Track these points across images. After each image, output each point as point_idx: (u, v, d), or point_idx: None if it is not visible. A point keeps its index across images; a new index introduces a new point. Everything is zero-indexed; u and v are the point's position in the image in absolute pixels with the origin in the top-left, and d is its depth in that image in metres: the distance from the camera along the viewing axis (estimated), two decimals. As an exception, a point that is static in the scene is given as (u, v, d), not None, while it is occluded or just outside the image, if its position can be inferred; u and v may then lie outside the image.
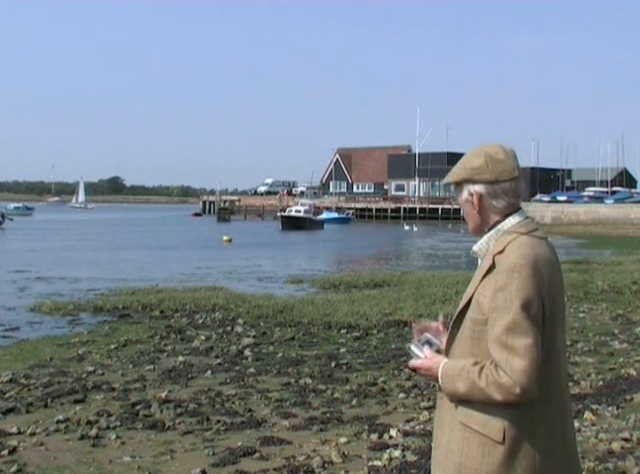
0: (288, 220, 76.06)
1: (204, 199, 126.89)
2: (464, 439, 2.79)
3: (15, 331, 15.18)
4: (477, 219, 2.96)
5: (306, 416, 8.39)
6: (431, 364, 2.88)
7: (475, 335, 2.80)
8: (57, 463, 6.88)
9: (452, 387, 2.79)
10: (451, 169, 3.00)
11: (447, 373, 2.82)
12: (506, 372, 2.66)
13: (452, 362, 2.84)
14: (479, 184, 2.91)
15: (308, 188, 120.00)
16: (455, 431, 2.83)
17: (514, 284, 2.70)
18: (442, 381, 2.84)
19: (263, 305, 17.11)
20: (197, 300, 17.99)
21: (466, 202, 2.95)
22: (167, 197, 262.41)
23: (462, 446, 2.80)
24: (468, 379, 2.73)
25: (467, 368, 2.75)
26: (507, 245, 2.83)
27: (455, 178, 2.96)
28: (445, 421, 2.89)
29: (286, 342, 13.20)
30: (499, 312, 2.71)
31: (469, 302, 2.84)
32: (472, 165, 2.92)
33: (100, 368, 11.02)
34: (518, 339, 2.67)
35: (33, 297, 20.48)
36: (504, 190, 2.89)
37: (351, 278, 24.38)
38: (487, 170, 2.89)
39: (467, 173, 2.92)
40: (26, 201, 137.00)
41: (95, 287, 22.94)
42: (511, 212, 2.91)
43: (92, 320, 16.45)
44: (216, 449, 7.21)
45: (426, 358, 2.92)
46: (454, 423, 2.84)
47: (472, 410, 2.78)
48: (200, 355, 12.08)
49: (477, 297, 2.81)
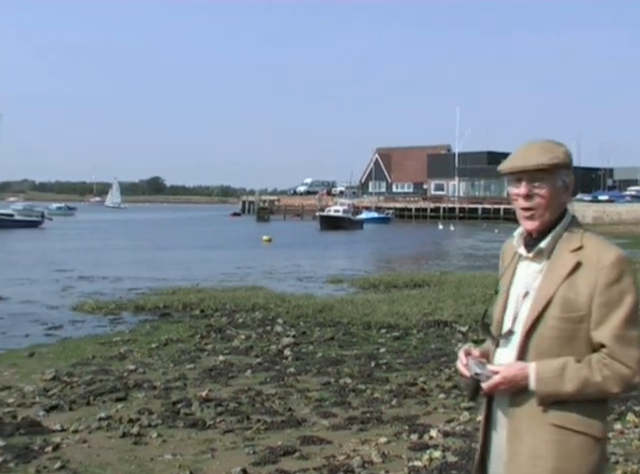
0: (327, 220, 76.01)
1: (244, 199, 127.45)
2: (558, 442, 2.69)
3: (58, 329, 15.38)
4: (555, 212, 2.82)
5: (346, 416, 8.38)
6: (514, 372, 2.73)
7: (566, 334, 2.70)
8: (100, 460, 6.95)
9: (553, 389, 2.68)
10: (490, 168, 2.87)
11: (544, 376, 2.69)
12: (625, 363, 2.63)
13: (545, 364, 2.71)
14: (571, 174, 2.81)
15: (347, 188, 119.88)
16: (543, 435, 2.71)
17: (625, 278, 2.68)
18: (538, 385, 2.70)
19: (303, 305, 17.14)
20: (237, 299, 18.09)
21: (557, 190, 2.79)
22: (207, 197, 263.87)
23: (557, 449, 2.69)
24: (578, 377, 2.65)
25: (571, 366, 2.67)
26: (582, 241, 2.77)
27: (555, 160, 2.75)
28: (522, 430, 2.76)
29: (326, 342, 13.20)
30: (612, 306, 2.66)
31: (547, 303, 2.74)
32: (561, 151, 2.79)
33: (141, 367, 11.11)
34: (635, 331, 2.66)
35: (76, 296, 20.72)
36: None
37: (390, 278, 24.32)
38: (572, 161, 2.81)
39: (568, 158, 2.78)
40: (68, 201, 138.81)
41: (136, 286, 23.15)
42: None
43: (133, 319, 16.60)
44: (256, 448, 7.23)
45: (498, 372, 2.75)
46: (539, 428, 2.72)
47: (568, 410, 2.69)
48: (240, 354, 12.13)
49: (564, 295, 2.71)
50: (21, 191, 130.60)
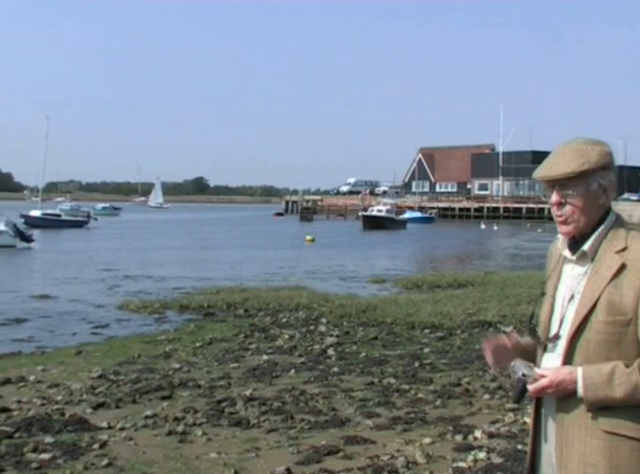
0: (370, 220, 75.91)
1: (287, 199, 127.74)
2: (610, 448, 2.62)
3: (104, 328, 15.58)
4: (593, 215, 2.74)
5: (390, 416, 8.36)
6: (563, 376, 2.67)
7: (613, 338, 2.63)
8: (146, 458, 7.01)
9: (602, 394, 2.61)
10: (535, 167, 2.83)
11: (592, 381, 2.62)
12: None
13: (594, 368, 2.64)
14: (611, 173, 2.74)
15: (390, 188, 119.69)
16: (595, 441, 2.65)
17: None
18: (586, 390, 2.63)
19: (346, 304, 17.14)
20: (280, 299, 18.15)
21: (591, 194, 2.72)
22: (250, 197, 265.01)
23: (609, 456, 2.62)
24: (627, 382, 2.58)
25: (620, 371, 2.59)
26: (627, 241, 2.69)
27: (585, 167, 2.68)
28: (572, 435, 2.69)
29: (369, 342, 13.19)
30: None
31: (592, 306, 2.68)
32: (595, 153, 2.71)
33: (186, 365, 11.20)
34: None
35: (121, 295, 20.97)
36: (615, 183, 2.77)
37: (434, 278, 24.23)
38: (612, 160, 2.74)
39: (604, 158, 2.71)
40: (113, 201, 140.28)
41: (181, 286, 23.34)
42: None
43: (178, 318, 16.75)
44: (300, 447, 7.24)
45: (545, 376, 2.70)
46: (590, 434, 2.66)
47: (619, 416, 2.62)
48: (284, 354, 12.17)
49: (609, 298, 2.64)
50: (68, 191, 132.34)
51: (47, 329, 15.46)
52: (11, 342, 13.89)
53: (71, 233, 58.78)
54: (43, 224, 62.34)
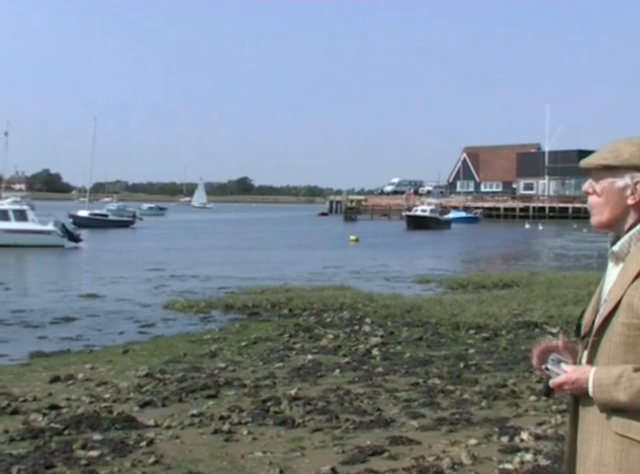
0: (414, 220, 75.64)
1: (331, 199, 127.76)
2: (621, 451, 2.62)
3: (151, 327, 15.74)
4: (619, 213, 2.74)
5: (435, 417, 8.33)
6: (578, 375, 2.69)
7: (630, 340, 2.62)
8: (192, 456, 7.07)
9: (608, 396, 2.61)
10: None
11: (601, 382, 2.63)
12: None
13: (604, 370, 2.66)
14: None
15: (435, 187, 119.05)
16: (608, 443, 2.65)
17: None
18: (595, 391, 2.65)
19: (390, 305, 17.12)
20: (325, 299, 18.17)
21: (620, 191, 2.72)
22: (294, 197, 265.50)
23: (619, 458, 2.62)
24: (632, 387, 2.56)
25: (627, 375, 2.58)
26: None
27: (616, 161, 2.69)
28: (592, 433, 2.71)
29: (414, 342, 13.15)
30: None
31: (615, 307, 2.67)
32: (630, 152, 2.69)
33: (231, 365, 11.27)
34: None
35: (167, 295, 21.16)
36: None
37: (479, 278, 24.08)
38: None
39: (636, 159, 2.68)
40: (159, 202, 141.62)
41: (226, 285, 23.48)
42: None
43: (223, 318, 16.86)
44: (345, 447, 7.25)
45: (567, 372, 2.73)
46: (606, 434, 2.66)
47: (631, 419, 2.60)
48: (328, 354, 12.18)
49: (629, 300, 2.63)
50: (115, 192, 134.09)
51: (95, 328, 15.67)
52: (60, 340, 14.11)
53: (117, 233, 59.46)
54: (91, 224, 63.17)
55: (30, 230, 41.58)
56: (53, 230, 42.04)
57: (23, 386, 10.01)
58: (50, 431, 7.72)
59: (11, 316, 17.00)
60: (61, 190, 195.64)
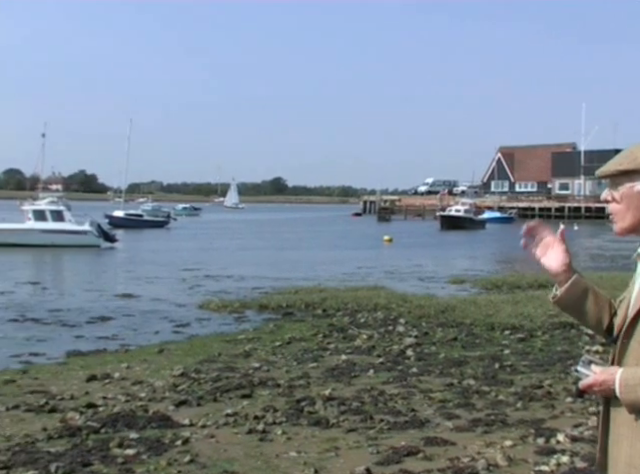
0: (448, 220, 75.32)
1: (364, 199, 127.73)
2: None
3: (185, 327, 15.84)
4: (635, 218, 2.73)
5: (470, 417, 8.29)
6: (605, 376, 2.68)
7: None
8: (227, 455, 7.11)
9: (634, 397, 2.61)
10: None
11: (627, 383, 2.62)
12: None
13: (631, 371, 2.65)
14: None
15: (469, 187, 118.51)
16: (638, 445, 2.64)
17: None
18: (621, 391, 2.64)
19: (425, 305, 17.06)
20: (359, 299, 18.16)
21: (635, 195, 2.71)
22: (328, 197, 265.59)
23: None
24: None
25: None
26: None
27: (631, 166, 2.68)
28: (622, 436, 2.69)
29: (448, 342, 13.11)
30: None
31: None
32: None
33: (265, 365, 11.31)
34: None
35: (202, 294, 21.28)
36: None
37: (514, 278, 23.94)
38: None
39: None
40: (193, 202, 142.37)
41: (260, 285, 23.56)
42: None
43: (257, 318, 16.92)
44: (380, 448, 7.24)
45: (596, 374, 2.72)
46: (636, 436, 2.65)
47: None
48: (362, 354, 12.18)
49: None
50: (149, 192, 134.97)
51: (131, 327, 15.80)
52: (97, 340, 14.25)
53: (152, 233, 59.88)
54: (126, 224, 63.69)
55: (67, 230, 42.04)
56: (89, 230, 42.46)
57: (60, 385, 10.13)
58: (87, 429, 7.80)
59: (48, 315, 17.20)
60: (97, 191, 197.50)
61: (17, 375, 10.87)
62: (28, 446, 7.31)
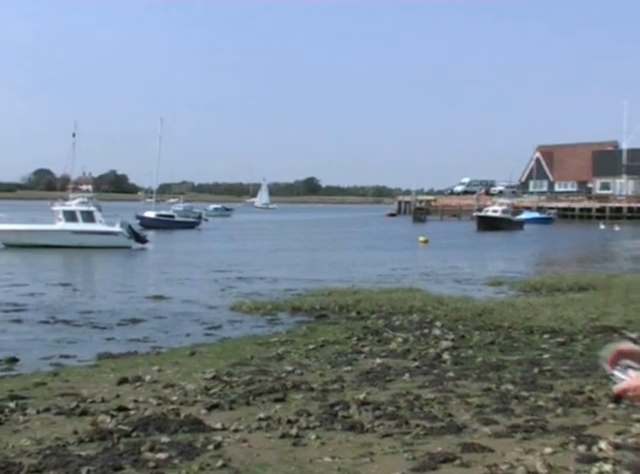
0: (484, 220, 74.98)
1: (399, 199, 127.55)
2: None
3: (217, 329, 15.90)
4: None
5: (508, 423, 8.23)
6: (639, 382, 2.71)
7: None
8: (260, 460, 7.12)
9: None
10: None
11: None
12: None
13: None
14: None
15: (506, 187, 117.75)
16: None
17: None
18: None
19: (461, 308, 17.01)
20: (394, 302, 18.13)
21: None
22: (362, 197, 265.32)
23: None
24: None
25: None
26: None
27: None
28: None
29: (486, 346, 13.03)
30: None
31: None
32: None
33: (299, 368, 11.31)
34: None
35: (234, 296, 21.35)
36: None
37: (553, 281, 23.74)
38: None
39: None
40: (225, 202, 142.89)
41: (293, 287, 23.60)
42: None
43: (290, 320, 16.95)
44: (415, 453, 7.21)
45: (632, 378, 2.73)
46: None
47: None
48: (397, 357, 12.15)
49: None
50: (181, 192, 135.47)
51: (162, 330, 15.90)
52: (128, 342, 14.35)
53: (184, 234, 60.22)
54: (157, 225, 64.12)
55: (97, 231, 42.39)
56: (120, 231, 42.77)
57: (91, 387, 10.21)
58: (118, 433, 7.85)
59: (79, 317, 17.36)
60: (128, 191, 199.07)
61: (48, 378, 10.98)
62: (59, 449, 7.38)
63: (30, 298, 20.68)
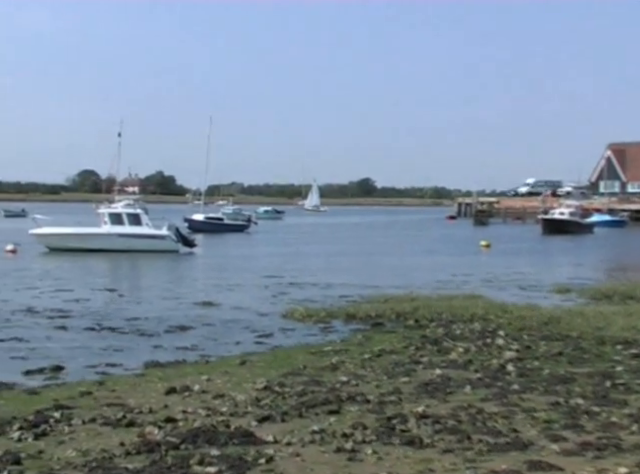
0: (551, 223, 74.23)
1: (459, 201, 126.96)
2: None
3: (268, 338, 15.96)
4: None
5: (578, 440, 8.11)
6: None
7: None
8: (313, 475, 7.12)
9: None
10: None
11: None
12: None
13: None
14: None
15: (575, 188, 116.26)
16: None
17: None
18: None
19: (526, 316, 16.90)
20: (454, 309, 18.08)
21: None
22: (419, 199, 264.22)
23: None
24: None
25: None
26: None
27: None
28: None
29: (553, 357, 12.90)
30: None
31: None
32: None
33: (354, 378, 11.30)
34: None
35: (285, 303, 21.43)
36: None
37: (626, 288, 23.38)
38: None
39: None
40: (276, 204, 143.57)
41: (347, 293, 23.60)
42: None
43: (344, 328, 16.97)
44: (478, 471, 7.14)
45: None
46: None
47: None
48: (458, 368, 12.08)
49: None
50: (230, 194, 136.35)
51: (211, 337, 16.01)
52: (175, 350, 14.48)
53: (233, 237, 60.61)
54: (206, 228, 64.67)
55: (144, 235, 42.83)
56: (167, 235, 43.15)
57: (138, 397, 10.33)
58: (166, 445, 7.91)
59: (125, 324, 17.56)
60: (175, 193, 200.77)
61: (93, 387, 11.13)
62: (105, 461, 7.46)
63: (75, 304, 21.00)
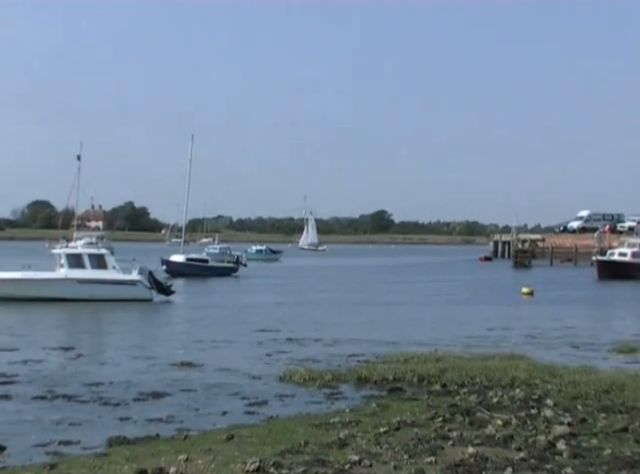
0: (609, 266, 74.20)
1: (495, 238, 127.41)
2: None
3: (262, 406, 15.88)
4: None
5: None
6: None
7: None
8: None
9: None
10: None
11: None
12: None
13: None
14: None
15: (639, 223, 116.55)
16: None
17: None
18: None
19: (580, 381, 16.83)
20: (490, 371, 18.03)
21: None
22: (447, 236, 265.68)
23: None
24: None
25: None
26: None
27: None
28: None
29: (616, 434, 12.83)
30: None
31: None
32: None
33: (367, 458, 11.21)
34: None
35: (283, 363, 21.38)
36: None
37: None
38: None
39: None
40: (271, 242, 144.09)
41: (358, 352, 23.58)
42: None
43: (355, 394, 16.91)
44: None
45: None
46: None
47: None
48: (496, 446, 12.01)
49: None
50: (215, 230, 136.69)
51: (191, 406, 15.92)
52: (147, 423, 14.38)
53: (219, 283, 60.65)
54: (187, 271, 64.82)
55: (110, 280, 42.74)
56: (138, 280, 43.07)
57: (100, 482, 10.22)
58: None
59: (85, 391, 17.46)
60: (148, 228, 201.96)
61: (43, 471, 11.04)
62: None
63: (22, 367, 20.92)
